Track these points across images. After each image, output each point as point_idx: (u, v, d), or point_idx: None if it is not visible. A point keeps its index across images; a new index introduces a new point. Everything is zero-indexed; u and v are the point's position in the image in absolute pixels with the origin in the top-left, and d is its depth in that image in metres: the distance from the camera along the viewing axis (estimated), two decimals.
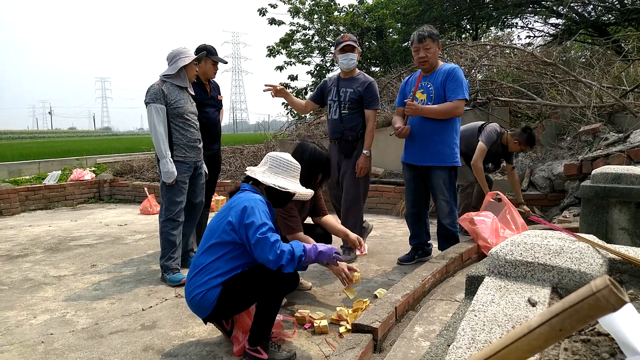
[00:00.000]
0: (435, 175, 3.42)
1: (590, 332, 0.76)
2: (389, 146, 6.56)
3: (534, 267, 0.97)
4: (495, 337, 0.73)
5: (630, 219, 2.34)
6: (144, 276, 3.58)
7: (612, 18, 10.30)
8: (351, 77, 3.78)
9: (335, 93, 3.79)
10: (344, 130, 3.76)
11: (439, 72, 3.39)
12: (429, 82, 3.41)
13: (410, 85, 3.54)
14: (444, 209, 3.47)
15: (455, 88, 3.28)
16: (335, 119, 3.80)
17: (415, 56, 3.43)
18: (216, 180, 4.33)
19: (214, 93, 4.02)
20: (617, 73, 6.02)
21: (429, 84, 3.41)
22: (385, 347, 2.10)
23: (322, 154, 2.92)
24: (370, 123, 3.76)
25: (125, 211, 6.82)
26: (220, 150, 4.21)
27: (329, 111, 3.85)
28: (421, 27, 3.47)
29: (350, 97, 3.72)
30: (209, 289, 2.12)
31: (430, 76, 3.43)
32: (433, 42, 3.34)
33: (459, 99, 3.27)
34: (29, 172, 9.35)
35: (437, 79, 3.37)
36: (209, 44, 3.94)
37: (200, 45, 3.94)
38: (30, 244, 4.76)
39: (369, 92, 3.71)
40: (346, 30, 12.41)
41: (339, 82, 3.81)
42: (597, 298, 0.49)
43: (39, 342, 2.46)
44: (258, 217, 2.10)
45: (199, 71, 3.77)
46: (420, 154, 3.44)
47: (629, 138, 4.31)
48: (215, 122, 4.00)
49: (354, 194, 3.77)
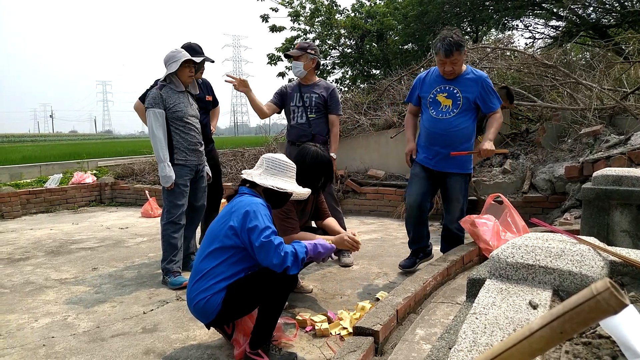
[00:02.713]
0: (454, 180, 3.33)
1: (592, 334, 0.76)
2: (389, 149, 6.57)
3: (535, 269, 0.97)
4: (497, 340, 0.73)
5: (632, 221, 2.34)
6: (145, 279, 3.58)
7: (612, 20, 10.31)
8: (313, 83, 3.90)
9: (298, 98, 3.85)
10: (314, 134, 3.83)
11: (465, 78, 3.22)
12: (454, 86, 3.22)
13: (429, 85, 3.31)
14: (455, 213, 3.40)
15: (492, 99, 3.24)
16: (302, 123, 3.85)
17: (440, 67, 3.22)
18: (220, 182, 4.31)
19: (201, 94, 3.95)
20: (618, 75, 6.03)
21: (454, 88, 3.22)
22: (386, 350, 2.10)
23: (324, 156, 2.92)
24: (335, 127, 3.92)
25: (127, 214, 6.82)
26: (213, 150, 4.17)
27: (293, 116, 3.88)
28: (446, 33, 3.12)
29: (316, 102, 3.83)
30: (213, 294, 2.12)
31: (455, 81, 3.23)
32: (460, 54, 3.09)
33: (498, 109, 3.28)
34: (30, 175, 9.35)
35: (464, 85, 3.20)
36: (193, 42, 3.87)
37: (184, 44, 3.84)
38: (31, 247, 4.76)
39: (333, 98, 3.89)
40: (347, 33, 12.43)
41: (301, 87, 3.88)
42: (598, 301, 0.49)
43: (40, 345, 2.46)
44: (261, 221, 2.10)
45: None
46: (443, 161, 3.28)
47: (629, 140, 4.31)
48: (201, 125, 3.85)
49: (332, 196, 3.92)
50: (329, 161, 2.94)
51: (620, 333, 0.66)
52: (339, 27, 12.31)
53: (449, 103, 3.22)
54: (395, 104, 7.50)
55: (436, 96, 3.24)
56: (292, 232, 2.83)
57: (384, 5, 12.25)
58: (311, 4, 12.65)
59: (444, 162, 3.28)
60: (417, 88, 3.41)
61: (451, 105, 3.22)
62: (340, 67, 12.96)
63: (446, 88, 3.24)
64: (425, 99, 3.32)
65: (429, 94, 3.30)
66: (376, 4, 12.85)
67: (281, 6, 12.61)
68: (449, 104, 3.22)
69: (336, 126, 3.92)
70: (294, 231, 2.84)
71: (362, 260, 3.86)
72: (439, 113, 3.24)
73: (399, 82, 8.07)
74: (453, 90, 3.22)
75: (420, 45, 11.46)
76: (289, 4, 12.63)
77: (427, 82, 3.35)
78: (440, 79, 3.27)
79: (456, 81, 3.23)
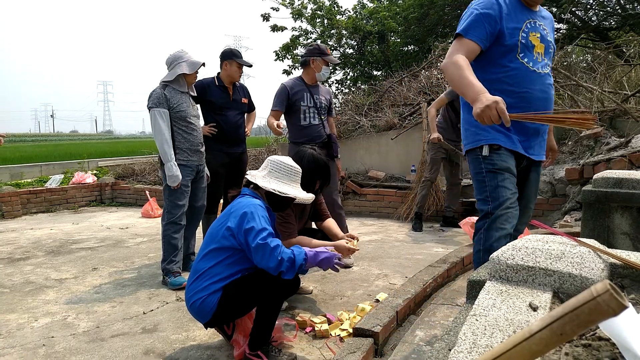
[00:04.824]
0: (537, 171, 2.30)
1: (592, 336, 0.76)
2: (390, 150, 6.58)
3: (535, 271, 0.97)
4: (497, 341, 0.74)
5: (632, 224, 2.33)
6: (145, 279, 3.58)
7: (613, 23, 10.31)
8: (317, 85, 3.95)
9: (309, 98, 3.83)
10: (329, 135, 3.91)
11: (542, 11, 2.16)
12: (540, 22, 2.08)
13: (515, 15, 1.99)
14: (530, 215, 2.37)
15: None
16: (316, 124, 3.86)
17: None
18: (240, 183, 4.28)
19: (238, 96, 4.00)
20: (619, 78, 6.02)
21: (541, 24, 2.08)
22: (386, 352, 2.10)
23: (321, 159, 2.89)
24: (334, 129, 4.15)
25: (127, 214, 6.83)
26: (244, 153, 4.17)
27: (304, 116, 3.82)
28: None
29: (324, 104, 3.92)
30: (210, 294, 2.12)
31: (539, 13, 2.11)
32: None
33: None
34: (31, 175, 9.36)
35: (548, 24, 2.14)
36: (234, 48, 4.00)
37: (225, 49, 3.97)
38: (31, 247, 4.76)
39: (331, 101, 4.07)
40: (348, 34, 12.43)
41: (309, 88, 3.87)
42: (598, 303, 0.49)
43: (40, 345, 2.46)
44: (258, 223, 2.09)
45: (222, 74, 3.87)
46: (539, 145, 2.18)
47: (630, 143, 4.31)
48: (236, 126, 3.98)
49: (338, 195, 4.02)
50: (325, 164, 2.92)
51: (620, 335, 0.66)
52: (340, 28, 12.32)
53: (542, 50, 2.06)
54: (395, 105, 7.50)
55: (529, 35, 2.00)
56: (290, 237, 2.80)
57: (384, 9, 12.25)
58: (313, 4, 12.66)
59: (540, 146, 2.18)
60: (495, 14, 1.96)
61: (543, 53, 2.07)
62: (342, 69, 12.97)
63: (536, 25, 2.05)
64: (511, 37, 1.98)
65: (520, 31, 1.99)
66: (378, 5, 12.86)
67: (282, 6, 12.63)
68: (541, 52, 2.06)
69: (334, 127, 4.15)
70: (291, 236, 2.82)
71: (362, 262, 3.86)
72: (536, 64, 2.03)
73: (399, 84, 8.07)
74: (543, 31, 2.07)
75: (421, 47, 11.47)
76: (290, 4, 12.65)
77: (510, 8, 2.01)
78: (525, 10, 2.05)
79: (540, 14, 2.11)
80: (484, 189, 2.06)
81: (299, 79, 3.91)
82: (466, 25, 1.97)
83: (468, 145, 2.15)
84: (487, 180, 2.04)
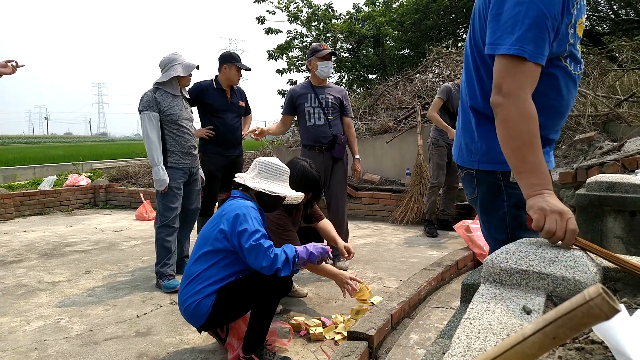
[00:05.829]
0: None
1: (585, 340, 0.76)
2: (385, 153, 6.59)
3: (529, 275, 0.98)
4: (490, 345, 0.74)
5: (625, 228, 2.35)
6: (139, 282, 3.56)
7: (606, 28, 10.40)
8: (325, 85, 3.90)
9: (313, 99, 3.82)
10: (335, 135, 3.83)
11: None
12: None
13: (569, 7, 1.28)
14: None
15: None
16: (321, 125, 3.82)
17: None
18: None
19: (235, 99, 4.00)
20: (612, 82, 6.08)
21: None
22: (380, 355, 2.09)
23: (312, 172, 2.85)
24: (353, 129, 4.01)
25: (121, 217, 6.79)
26: (241, 156, 4.16)
27: (309, 118, 3.83)
28: None
29: (332, 103, 3.83)
30: (203, 298, 2.11)
31: None
32: None
33: None
34: (24, 177, 9.30)
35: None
36: (233, 52, 4.00)
37: (225, 52, 3.97)
38: (24, 250, 4.73)
39: (347, 100, 3.94)
40: (343, 37, 12.46)
41: (314, 89, 3.85)
42: (590, 306, 0.49)
43: (32, 348, 2.44)
44: (250, 224, 2.10)
45: (221, 77, 3.88)
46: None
47: (623, 147, 4.34)
48: (233, 128, 3.97)
49: (344, 198, 3.94)
50: (315, 179, 2.87)
51: (612, 338, 0.66)
52: (336, 32, 12.35)
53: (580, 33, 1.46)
54: (391, 109, 7.52)
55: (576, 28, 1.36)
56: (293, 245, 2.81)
57: (380, 14, 12.29)
58: (308, 8, 12.69)
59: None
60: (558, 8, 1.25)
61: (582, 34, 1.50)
62: (337, 72, 13.00)
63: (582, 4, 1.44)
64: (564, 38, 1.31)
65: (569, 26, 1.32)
66: (374, 10, 12.90)
67: (278, 9, 12.65)
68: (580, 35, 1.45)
69: (353, 127, 4.01)
70: (294, 243, 2.82)
71: (357, 265, 3.86)
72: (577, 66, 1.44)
73: (395, 87, 8.09)
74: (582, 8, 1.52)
75: (417, 52, 11.51)
76: (286, 7, 12.67)
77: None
78: None
79: None
80: (504, 228, 1.46)
81: (307, 83, 3.94)
82: (529, 37, 1.21)
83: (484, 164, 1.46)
84: (509, 219, 1.44)
